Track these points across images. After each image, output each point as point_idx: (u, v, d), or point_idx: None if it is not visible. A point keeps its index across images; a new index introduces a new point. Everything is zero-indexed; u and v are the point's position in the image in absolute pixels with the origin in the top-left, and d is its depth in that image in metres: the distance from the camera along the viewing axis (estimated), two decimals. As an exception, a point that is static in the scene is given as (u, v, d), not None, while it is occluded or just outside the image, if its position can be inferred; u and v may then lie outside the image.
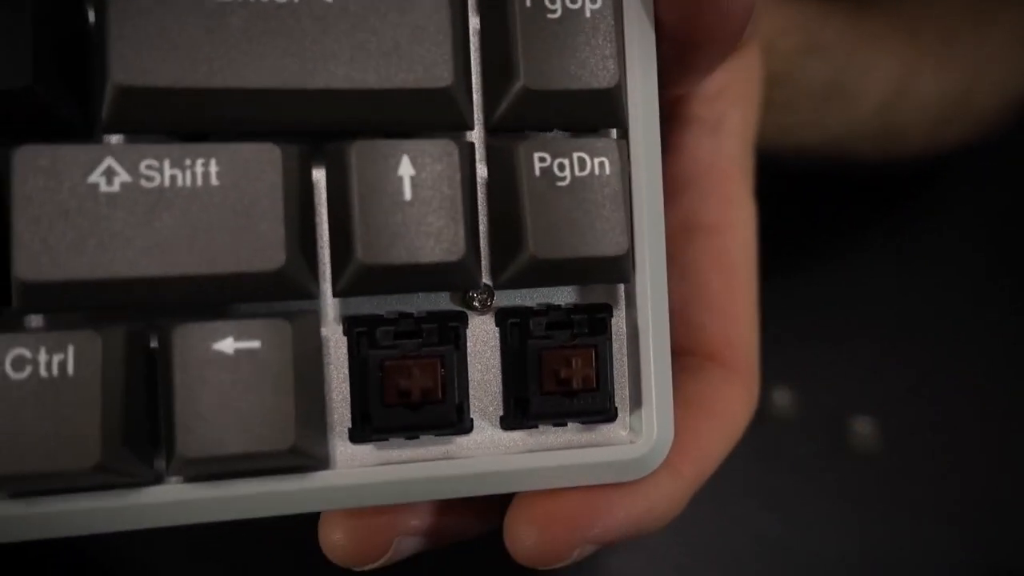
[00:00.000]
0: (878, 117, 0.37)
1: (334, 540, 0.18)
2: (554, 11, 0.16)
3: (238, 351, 0.14)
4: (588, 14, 0.16)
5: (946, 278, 0.45)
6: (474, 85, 0.16)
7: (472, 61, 0.16)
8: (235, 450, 0.14)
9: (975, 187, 0.47)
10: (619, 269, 0.16)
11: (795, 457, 0.39)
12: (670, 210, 0.23)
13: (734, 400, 0.21)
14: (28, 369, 0.13)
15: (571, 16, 0.16)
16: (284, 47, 0.14)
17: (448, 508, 0.19)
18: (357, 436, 0.16)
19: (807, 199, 0.44)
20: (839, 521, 0.38)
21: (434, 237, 0.15)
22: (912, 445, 0.40)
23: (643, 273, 0.17)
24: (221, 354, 0.14)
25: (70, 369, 0.13)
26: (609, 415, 0.18)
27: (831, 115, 0.36)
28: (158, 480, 0.15)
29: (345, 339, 0.16)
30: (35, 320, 0.15)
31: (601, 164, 0.16)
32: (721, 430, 0.21)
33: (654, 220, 0.17)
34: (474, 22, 0.16)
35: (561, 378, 0.16)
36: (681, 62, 0.18)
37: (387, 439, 0.17)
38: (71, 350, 0.14)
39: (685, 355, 0.23)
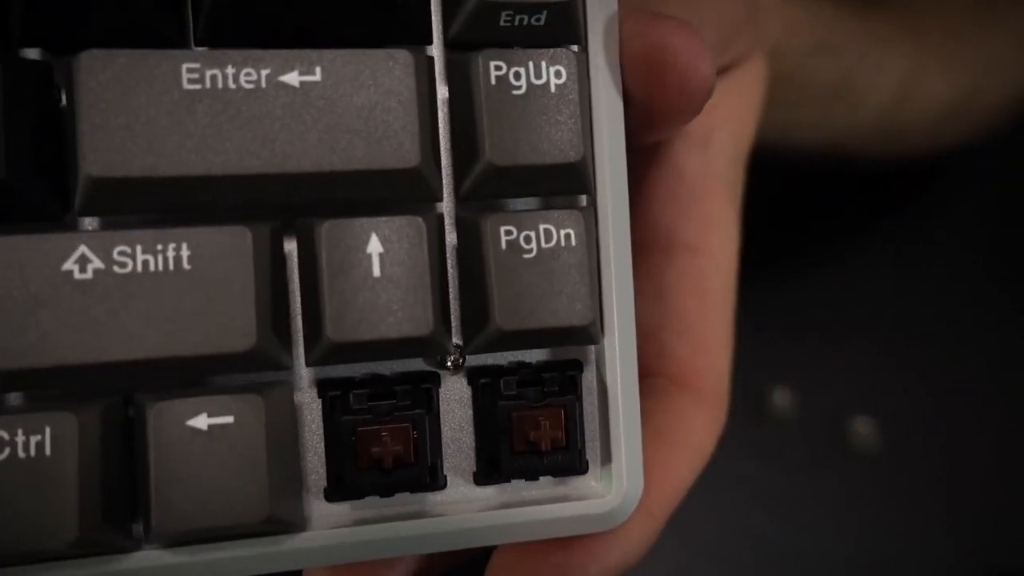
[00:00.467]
0: (884, 116, 0.37)
1: None
2: (519, 87, 0.16)
3: (212, 427, 0.15)
4: (553, 89, 0.16)
5: (946, 279, 0.45)
6: (443, 155, 0.17)
7: (441, 131, 0.17)
8: (210, 523, 0.14)
9: (975, 188, 0.47)
10: (586, 336, 0.17)
11: (794, 457, 0.39)
12: (651, 223, 0.23)
13: (700, 427, 0.21)
14: (6, 451, 0.14)
15: (536, 91, 0.16)
16: (252, 134, 0.15)
17: (425, 557, 0.19)
18: (333, 496, 0.17)
19: (806, 200, 0.44)
20: (839, 521, 0.38)
21: (403, 313, 0.15)
22: (912, 445, 0.40)
23: (611, 336, 0.17)
24: (195, 430, 0.15)
25: (47, 449, 0.14)
26: (579, 470, 0.18)
27: (837, 114, 0.36)
28: (137, 547, 0.16)
29: (319, 401, 0.17)
30: (13, 398, 0.15)
31: (567, 236, 0.16)
32: (688, 460, 0.21)
33: (623, 285, 0.17)
34: (443, 92, 0.17)
35: (531, 440, 0.17)
36: (647, 124, 0.18)
37: (362, 496, 0.17)
38: (48, 431, 0.14)
39: (652, 376, 0.22)
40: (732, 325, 0.23)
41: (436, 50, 0.17)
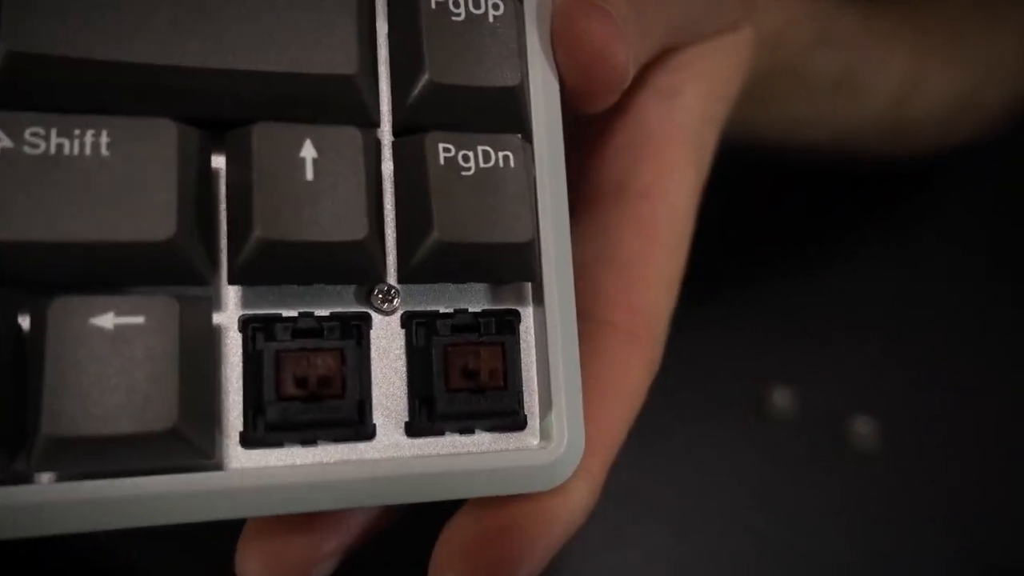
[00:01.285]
0: (888, 113, 0.37)
1: (251, 572, 0.17)
2: (458, 14, 0.16)
3: (119, 327, 0.13)
4: (491, 19, 0.17)
5: (946, 278, 0.45)
6: (382, 88, 0.17)
7: (380, 66, 0.17)
8: (110, 430, 0.13)
9: (975, 187, 0.48)
10: (525, 260, 0.16)
11: (795, 457, 0.39)
12: (606, 170, 0.23)
13: (633, 371, 0.20)
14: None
15: (474, 20, 0.16)
16: (190, 26, 0.14)
17: (359, 525, 0.18)
18: (250, 439, 0.15)
19: (806, 200, 0.45)
20: (839, 521, 0.37)
21: (337, 216, 0.15)
22: (912, 445, 0.40)
23: (549, 274, 0.17)
24: (100, 329, 0.13)
25: None
26: (518, 420, 0.17)
27: (841, 110, 0.35)
28: (24, 479, 0.14)
29: (240, 337, 0.16)
30: None
31: (506, 157, 0.16)
32: (623, 409, 0.20)
33: (559, 221, 0.17)
34: (383, 28, 0.17)
35: (468, 370, 0.16)
36: (574, 99, 0.18)
37: (281, 444, 0.16)
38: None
39: (585, 320, 0.21)
40: (680, 271, 0.22)
41: (377, -12, 0.17)
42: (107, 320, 0.13)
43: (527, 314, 0.18)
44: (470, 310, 0.17)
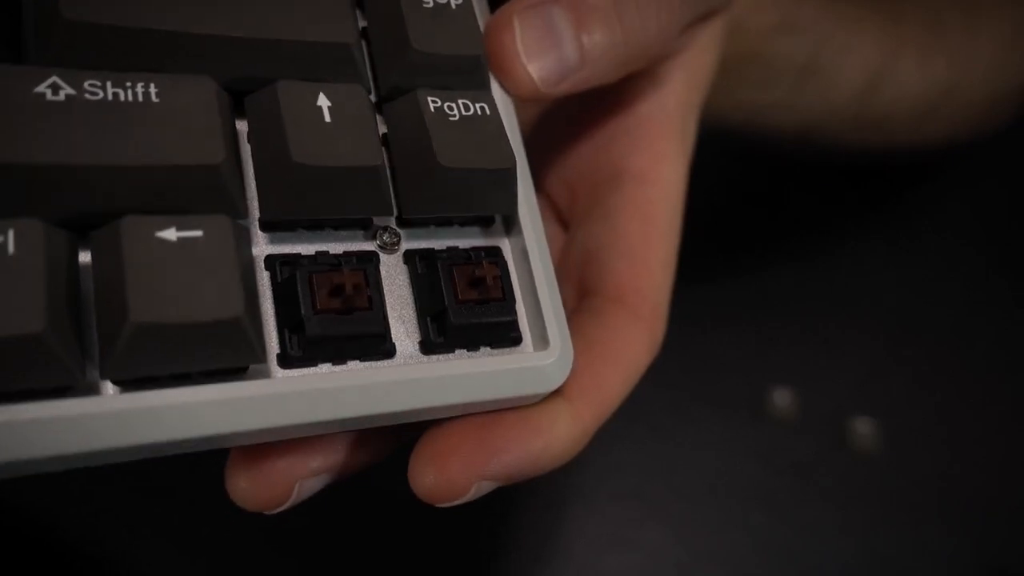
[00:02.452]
0: (857, 102, 0.37)
1: (238, 486, 0.18)
2: (427, 3, 0.20)
3: (181, 238, 0.15)
4: (453, 7, 0.20)
5: (946, 278, 0.46)
6: (367, 65, 0.20)
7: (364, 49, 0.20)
8: (185, 318, 0.14)
9: (974, 187, 0.48)
10: (509, 188, 0.19)
11: (795, 457, 0.38)
12: (602, 154, 0.24)
13: (635, 344, 0.22)
14: None
15: (440, 7, 0.20)
16: (215, 3, 0.17)
17: (345, 444, 0.19)
18: (288, 357, 0.17)
19: (808, 202, 0.45)
20: (839, 521, 0.37)
21: (355, 146, 0.17)
22: (912, 445, 0.40)
23: (522, 207, 0.20)
24: (165, 240, 0.15)
25: (10, 248, 0.14)
26: (515, 336, 0.19)
27: (808, 97, 0.35)
28: (92, 390, 0.15)
29: (267, 274, 0.18)
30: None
31: (482, 108, 0.19)
32: (621, 375, 0.21)
33: (521, 160, 0.20)
34: (362, 23, 0.20)
35: (474, 278, 0.18)
36: None
37: (316, 362, 0.17)
38: (11, 233, 0.14)
39: (592, 296, 0.23)
40: (675, 251, 0.24)
41: None
42: (171, 234, 0.15)
43: (506, 247, 0.20)
44: (460, 247, 0.20)
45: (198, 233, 0.15)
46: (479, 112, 0.19)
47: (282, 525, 0.33)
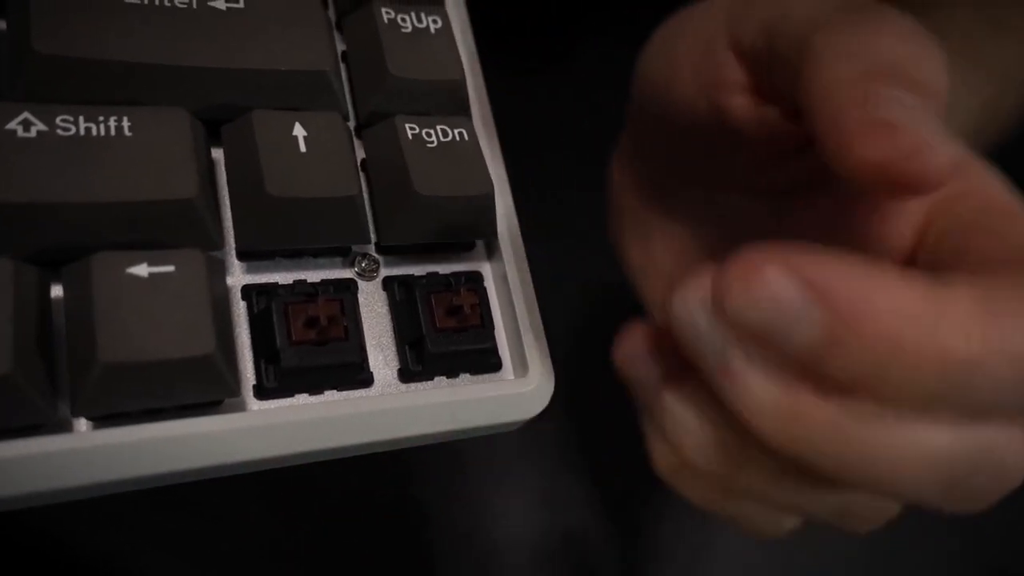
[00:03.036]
0: None
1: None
2: (406, 27, 0.20)
3: (153, 274, 0.15)
4: (432, 31, 0.20)
5: None
6: (345, 89, 0.20)
7: (342, 72, 0.20)
8: (155, 356, 0.14)
9: None
10: (488, 214, 0.19)
11: None
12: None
13: None
14: None
15: (419, 32, 0.20)
16: (187, 36, 0.17)
17: None
18: (264, 389, 0.17)
19: None
20: None
21: (331, 177, 0.17)
22: None
23: (503, 231, 0.20)
24: (136, 277, 0.15)
25: None
26: (495, 361, 0.19)
27: None
28: (65, 427, 0.15)
29: (244, 304, 0.18)
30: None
31: (460, 133, 0.19)
32: None
33: (502, 184, 0.20)
34: (340, 47, 0.20)
35: (452, 306, 0.18)
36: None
37: (292, 393, 0.17)
38: None
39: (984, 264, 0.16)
40: None
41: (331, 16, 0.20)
42: (142, 269, 0.15)
43: (487, 271, 0.20)
44: (440, 272, 0.20)
45: (170, 268, 0.15)
46: (457, 138, 0.19)
47: (288, 535, 0.34)
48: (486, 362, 0.19)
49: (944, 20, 0.38)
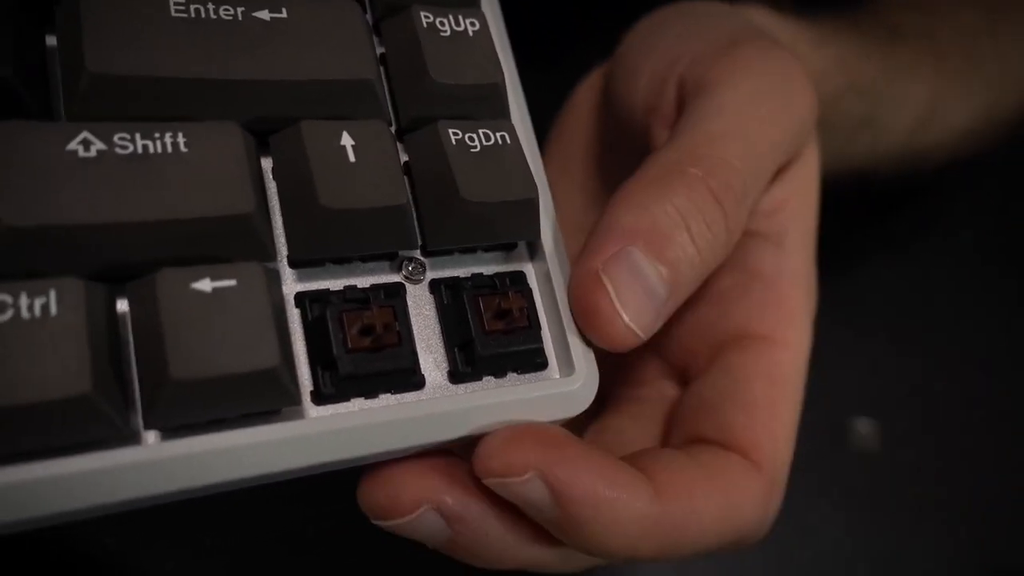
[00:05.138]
0: (905, 143, 0.37)
1: (372, 490, 0.18)
2: (445, 31, 0.20)
3: (216, 289, 0.15)
4: (471, 33, 0.20)
5: (946, 279, 0.45)
6: (386, 94, 0.20)
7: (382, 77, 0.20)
8: (224, 371, 0.15)
9: (975, 188, 0.48)
10: (532, 217, 0.19)
11: (795, 457, 0.37)
12: (725, 318, 0.23)
13: (748, 491, 0.20)
14: (9, 312, 0.14)
15: (457, 35, 0.20)
16: (232, 49, 0.17)
17: (474, 494, 0.19)
18: (322, 395, 0.17)
19: None
20: (839, 521, 0.37)
21: (381, 187, 0.17)
22: (912, 445, 0.40)
23: (546, 231, 0.20)
24: (200, 292, 0.15)
25: (53, 310, 0.14)
26: (541, 360, 0.20)
27: (859, 146, 0.36)
28: (135, 438, 0.15)
29: (298, 311, 0.18)
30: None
31: (502, 136, 0.19)
32: (717, 510, 0.19)
33: (542, 184, 0.21)
34: (379, 50, 0.20)
35: (500, 310, 0.19)
36: None
37: (348, 398, 0.18)
38: (52, 294, 0.14)
39: (705, 443, 0.21)
40: (797, 422, 0.22)
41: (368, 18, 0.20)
42: (205, 284, 0.15)
43: (529, 271, 0.21)
44: (484, 273, 0.20)
45: (232, 283, 0.16)
46: (500, 141, 0.19)
47: (299, 533, 0.34)
48: (533, 361, 0.20)
49: (948, 22, 0.39)
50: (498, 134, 0.19)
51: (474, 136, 0.19)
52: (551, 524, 0.18)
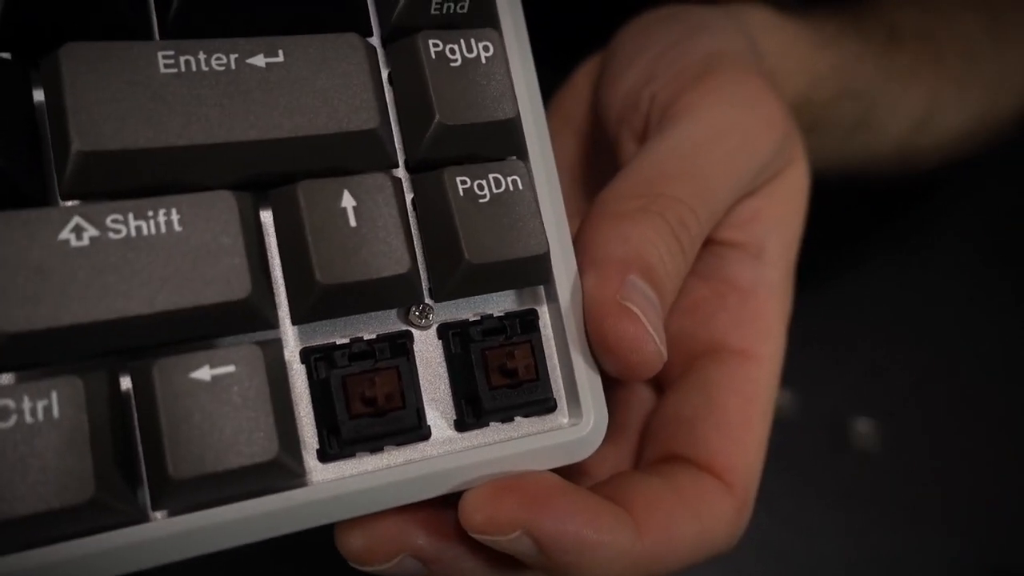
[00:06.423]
0: (901, 145, 0.37)
1: (351, 537, 0.18)
2: (455, 60, 0.18)
3: (215, 377, 0.15)
4: (483, 60, 0.19)
5: (946, 279, 0.45)
6: (393, 129, 0.19)
7: (389, 107, 0.19)
8: (223, 467, 0.15)
9: (975, 188, 0.47)
10: (542, 268, 0.19)
11: (795, 457, 0.38)
12: (701, 328, 0.23)
13: (720, 513, 0.21)
14: (12, 418, 0.14)
15: (468, 63, 0.19)
16: (226, 106, 0.16)
17: (450, 538, 0.19)
18: (327, 454, 0.18)
19: (808, 204, 0.45)
20: (839, 521, 0.38)
21: (383, 255, 0.17)
22: (912, 445, 0.40)
23: (559, 275, 0.20)
24: (199, 382, 0.15)
25: (55, 412, 0.14)
26: (550, 404, 0.20)
27: (856, 148, 0.36)
28: (144, 518, 0.16)
29: (303, 367, 0.18)
30: (6, 378, 0.15)
31: (514, 181, 0.18)
32: (695, 533, 0.20)
33: (560, 228, 0.20)
34: (385, 73, 0.19)
35: (507, 369, 0.18)
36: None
37: (354, 455, 0.18)
38: (54, 395, 0.14)
39: (678, 462, 0.22)
40: (768, 436, 0.23)
41: (375, 40, 0.19)
42: (204, 373, 0.15)
43: (543, 311, 0.20)
44: (494, 315, 0.20)
45: (230, 368, 0.16)
46: (511, 187, 0.18)
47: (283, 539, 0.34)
48: (541, 407, 0.20)
49: (948, 22, 0.39)
50: (509, 179, 0.18)
51: (483, 184, 0.18)
52: (537, 567, 0.19)
